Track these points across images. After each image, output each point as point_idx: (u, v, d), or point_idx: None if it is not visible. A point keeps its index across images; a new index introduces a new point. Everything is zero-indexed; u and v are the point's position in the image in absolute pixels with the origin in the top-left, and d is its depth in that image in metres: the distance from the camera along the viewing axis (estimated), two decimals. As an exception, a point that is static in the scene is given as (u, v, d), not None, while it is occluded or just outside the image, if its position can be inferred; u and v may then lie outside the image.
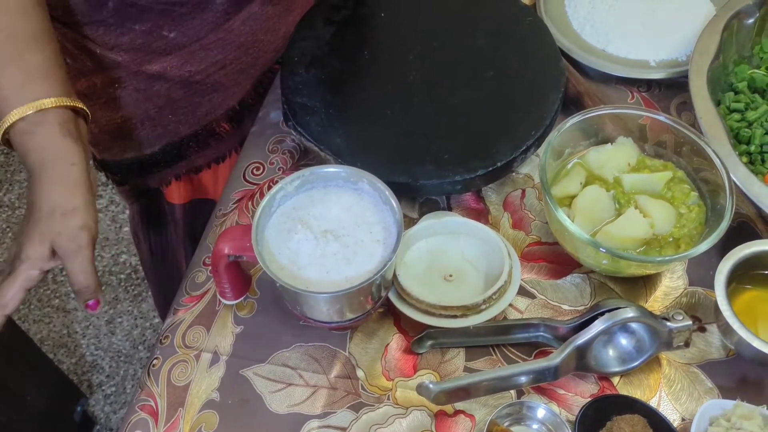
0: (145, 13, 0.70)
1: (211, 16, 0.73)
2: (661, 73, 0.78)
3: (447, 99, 0.72)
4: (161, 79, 0.75)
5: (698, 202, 0.64)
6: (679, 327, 0.57)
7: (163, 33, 0.72)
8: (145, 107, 0.76)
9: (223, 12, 0.74)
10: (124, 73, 0.74)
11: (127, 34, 0.71)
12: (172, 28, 0.72)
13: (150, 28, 0.71)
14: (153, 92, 0.76)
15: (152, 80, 0.75)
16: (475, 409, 0.58)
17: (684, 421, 0.57)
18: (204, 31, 0.74)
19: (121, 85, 0.74)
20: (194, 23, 0.73)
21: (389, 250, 0.56)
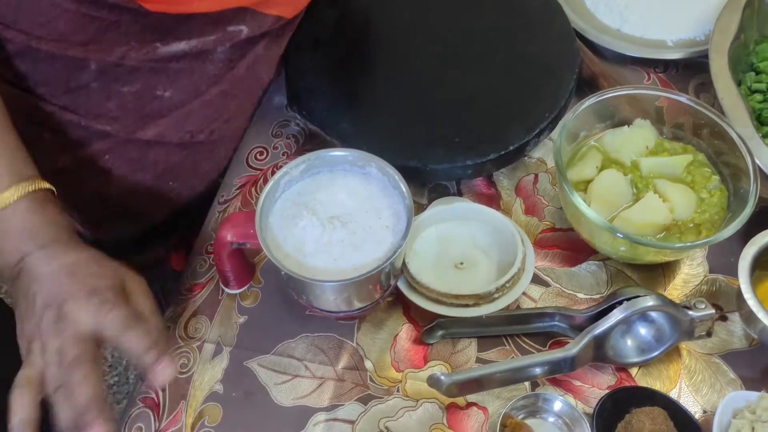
0: (134, 73, 0.61)
1: (212, 68, 0.64)
2: (678, 53, 0.75)
3: (457, 81, 0.69)
4: (157, 144, 0.66)
5: (720, 186, 0.62)
6: (701, 316, 0.55)
7: (157, 93, 0.63)
8: (141, 177, 0.67)
9: (226, 61, 0.64)
10: (114, 143, 0.64)
11: (113, 98, 0.62)
12: (167, 86, 0.63)
13: (140, 89, 0.62)
14: (148, 161, 0.66)
15: (147, 147, 0.66)
16: (487, 402, 0.56)
17: (705, 413, 0.55)
18: (205, 86, 0.65)
19: (112, 156, 0.65)
20: (193, 78, 0.64)
21: (399, 236, 0.54)
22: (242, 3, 0.60)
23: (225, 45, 0.63)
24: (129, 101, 0.62)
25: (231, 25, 0.62)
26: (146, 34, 0.58)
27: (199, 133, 0.67)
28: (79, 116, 0.62)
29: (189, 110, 0.65)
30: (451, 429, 0.55)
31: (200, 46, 0.61)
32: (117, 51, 0.59)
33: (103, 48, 0.58)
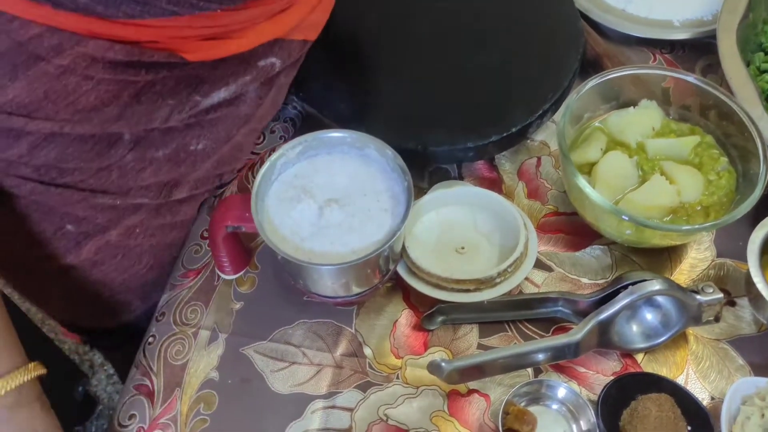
0: (170, 134, 0.56)
1: (244, 109, 0.60)
2: (685, 33, 0.73)
3: (458, 62, 0.67)
4: (190, 199, 0.62)
5: (728, 168, 0.60)
6: (709, 300, 0.53)
7: (191, 148, 0.58)
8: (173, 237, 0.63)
9: (256, 98, 0.60)
10: (146, 214, 0.60)
11: (148, 167, 0.56)
12: (200, 139, 0.58)
13: (175, 148, 0.57)
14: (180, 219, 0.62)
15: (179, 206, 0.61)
16: (489, 389, 0.55)
17: (713, 400, 0.54)
18: (236, 128, 0.61)
19: (143, 228, 0.60)
20: (227, 124, 0.59)
21: (398, 219, 0.53)
22: (276, 35, 0.56)
23: (258, 82, 0.59)
24: (163, 164, 0.57)
25: (262, 60, 0.57)
26: (181, 87, 0.53)
27: (228, 174, 0.65)
28: (110, 195, 0.57)
29: (220, 157, 0.61)
30: (453, 416, 0.54)
31: (239, 90, 0.57)
32: (158, 115, 0.53)
33: (141, 113, 0.52)
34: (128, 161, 0.55)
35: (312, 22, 0.60)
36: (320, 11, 0.61)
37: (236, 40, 0.53)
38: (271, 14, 0.54)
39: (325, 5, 0.61)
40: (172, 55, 0.50)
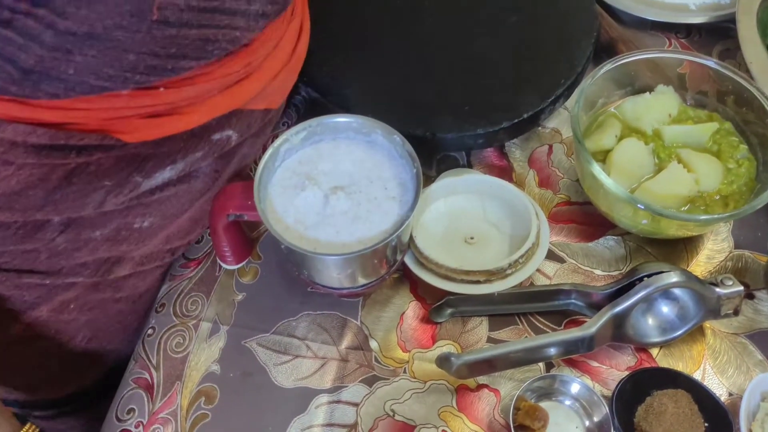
0: (108, 215, 0.51)
1: (197, 185, 0.54)
2: (702, 17, 0.71)
3: (468, 45, 0.65)
4: (135, 274, 0.57)
5: (748, 155, 0.58)
6: (728, 293, 0.51)
7: (135, 226, 0.53)
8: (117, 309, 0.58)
9: (212, 173, 0.55)
10: (82, 290, 0.54)
11: (83, 247, 0.51)
12: (146, 217, 0.53)
13: (115, 228, 0.52)
14: (124, 294, 0.58)
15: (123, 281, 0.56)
16: (499, 383, 0.53)
17: (731, 396, 0.52)
18: (189, 203, 0.55)
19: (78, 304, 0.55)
20: (178, 201, 0.54)
21: (406, 208, 0.51)
22: (233, 107, 0.51)
23: (212, 157, 0.53)
24: (101, 244, 0.52)
25: (216, 133, 0.52)
26: (121, 167, 0.48)
27: (178, 249, 0.58)
28: (39, 275, 0.52)
29: (171, 232, 0.56)
30: (462, 412, 0.52)
31: (188, 167, 0.52)
32: (91, 200, 0.48)
33: (71, 197, 0.47)
34: (59, 243, 0.50)
35: (275, 89, 0.55)
36: (285, 76, 0.55)
37: (184, 116, 0.48)
38: (225, 86, 0.49)
39: (290, 69, 0.56)
40: (107, 137, 0.46)
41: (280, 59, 0.54)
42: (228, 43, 0.46)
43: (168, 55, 0.43)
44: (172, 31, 0.42)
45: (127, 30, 0.40)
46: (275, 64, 0.53)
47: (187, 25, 0.43)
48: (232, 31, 0.46)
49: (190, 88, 0.47)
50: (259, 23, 0.48)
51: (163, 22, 0.42)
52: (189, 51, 0.44)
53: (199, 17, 0.43)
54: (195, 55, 0.45)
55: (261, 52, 0.50)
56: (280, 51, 0.53)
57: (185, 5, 0.42)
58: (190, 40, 0.44)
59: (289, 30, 0.54)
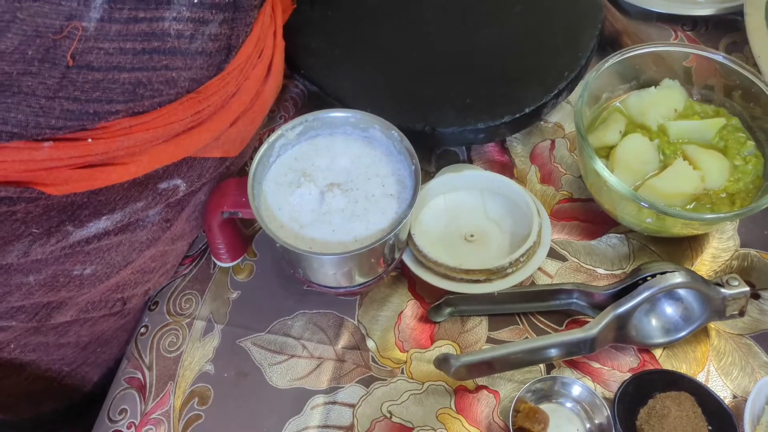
0: (41, 262, 0.47)
1: (143, 234, 0.51)
2: (709, 9, 0.69)
3: (469, 38, 0.63)
4: (78, 321, 0.54)
5: (755, 152, 0.56)
6: (734, 294, 0.50)
7: (74, 273, 0.49)
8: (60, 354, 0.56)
9: (161, 222, 0.51)
10: (20, 332, 0.51)
11: (15, 291, 0.47)
12: (86, 264, 0.49)
13: (52, 274, 0.48)
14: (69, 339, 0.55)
15: (66, 327, 0.54)
16: (499, 385, 0.52)
17: (736, 398, 0.51)
18: (135, 253, 0.51)
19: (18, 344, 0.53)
20: (120, 250, 0.50)
21: (404, 205, 0.49)
22: (181, 156, 0.48)
23: (159, 206, 0.50)
24: (36, 289, 0.48)
25: (163, 182, 0.48)
26: (51, 215, 0.45)
27: (132, 297, 0.55)
28: None
29: (117, 281, 0.52)
30: (460, 414, 0.51)
31: (127, 217, 0.48)
32: (14, 248, 0.44)
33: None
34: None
35: (232, 137, 0.51)
36: (245, 123, 0.52)
37: (120, 166, 0.45)
38: (170, 135, 0.46)
39: (252, 115, 0.52)
40: (28, 190, 0.42)
41: (238, 106, 0.50)
42: (162, 85, 0.43)
43: (90, 100, 0.41)
44: (97, 75, 0.40)
45: (36, 76, 0.38)
46: (232, 112, 0.50)
47: (116, 68, 0.40)
48: (167, 72, 0.43)
49: (124, 138, 0.43)
50: (197, 62, 0.45)
51: (84, 67, 0.39)
52: (116, 95, 0.41)
53: (133, 60, 0.41)
54: (123, 99, 0.42)
55: (213, 100, 0.47)
56: (237, 100, 0.50)
57: (115, 48, 0.40)
58: (119, 84, 0.41)
59: (251, 76, 0.50)
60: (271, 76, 0.53)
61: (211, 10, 0.44)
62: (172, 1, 0.41)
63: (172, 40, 0.42)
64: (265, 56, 0.52)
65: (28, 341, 0.53)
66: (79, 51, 0.39)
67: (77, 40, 0.38)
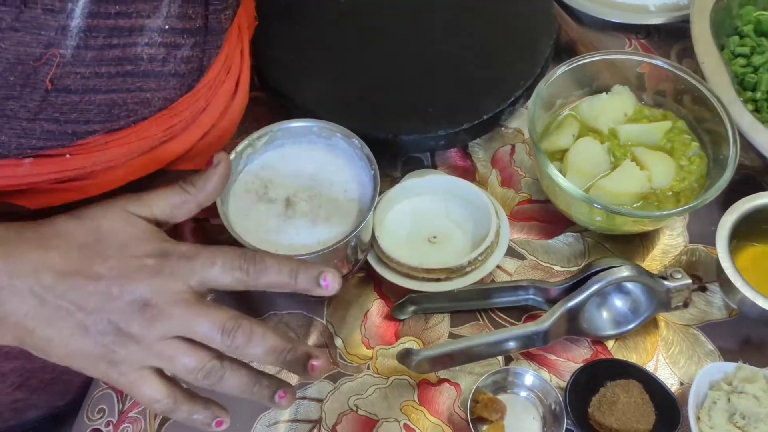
0: None
1: None
2: (661, 18, 0.72)
3: (430, 49, 0.67)
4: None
5: (699, 153, 0.60)
6: (677, 286, 0.53)
7: None
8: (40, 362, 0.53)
9: None
10: None
11: None
12: None
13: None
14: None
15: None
16: (460, 378, 0.55)
17: (683, 385, 0.54)
18: None
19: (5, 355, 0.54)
20: None
21: (365, 208, 0.52)
22: (152, 169, 0.50)
23: None
24: None
25: None
26: None
27: None
28: None
29: None
30: (423, 406, 0.54)
31: None
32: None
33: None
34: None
35: (203, 150, 0.54)
36: (215, 137, 0.55)
37: (97, 180, 0.48)
38: (145, 149, 0.49)
39: (222, 129, 0.55)
40: (8, 205, 0.44)
41: (208, 121, 0.53)
42: (137, 105, 0.46)
43: (68, 121, 0.43)
44: (74, 98, 0.42)
45: (18, 100, 0.40)
46: (202, 126, 0.52)
47: (92, 90, 0.43)
48: (141, 93, 0.45)
49: (101, 153, 0.46)
50: (171, 83, 0.47)
51: (62, 90, 0.42)
52: (93, 116, 0.44)
53: (108, 83, 0.43)
54: (100, 119, 0.44)
55: (185, 116, 0.50)
56: (207, 115, 0.52)
57: (91, 73, 0.42)
58: (95, 105, 0.43)
59: (220, 92, 0.53)
60: (239, 91, 0.56)
61: (183, 35, 0.46)
62: (144, 28, 0.43)
63: (145, 63, 0.45)
64: (232, 73, 0.55)
65: (9, 349, 0.54)
66: (58, 76, 0.41)
67: (55, 65, 0.41)
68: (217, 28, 0.48)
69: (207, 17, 0.47)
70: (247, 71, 0.58)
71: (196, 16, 0.46)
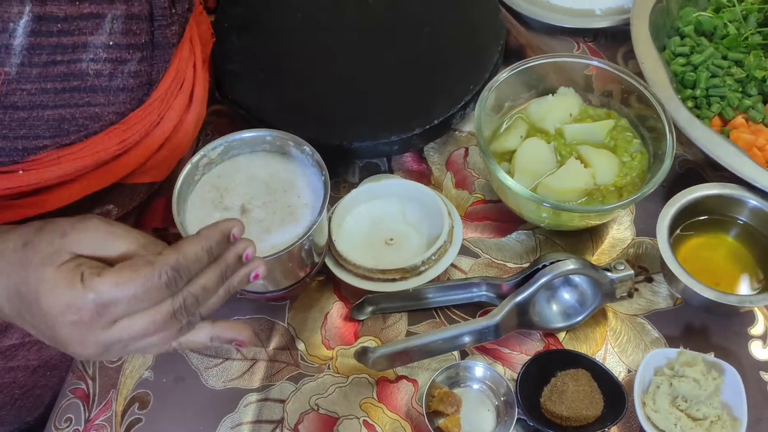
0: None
1: None
2: (606, 22, 0.75)
3: (383, 57, 0.69)
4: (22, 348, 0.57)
5: (641, 149, 0.62)
6: (620, 277, 0.55)
7: None
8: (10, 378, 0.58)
9: None
10: None
11: None
12: None
13: None
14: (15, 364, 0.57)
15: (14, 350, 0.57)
16: (417, 374, 0.57)
17: (630, 372, 0.56)
18: None
19: None
20: None
21: (317, 213, 0.54)
22: (107, 183, 0.51)
23: None
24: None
25: (96, 208, 0.53)
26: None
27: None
28: None
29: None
30: (381, 402, 0.56)
31: None
32: None
33: None
34: None
35: (159, 162, 0.56)
36: (170, 150, 0.56)
37: (52, 195, 0.48)
38: (99, 163, 0.50)
39: (177, 142, 0.56)
40: None
41: (162, 134, 0.54)
42: (87, 120, 0.47)
43: (18, 137, 0.44)
44: (22, 114, 0.44)
45: None
46: (156, 139, 0.54)
47: (40, 106, 0.44)
48: (90, 108, 0.47)
49: (55, 168, 0.47)
50: (120, 97, 0.48)
51: (9, 107, 0.43)
52: (42, 131, 0.45)
53: (55, 98, 0.44)
54: (50, 135, 0.46)
55: (137, 129, 0.51)
56: (161, 128, 0.54)
57: (37, 89, 0.43)
58: (44, 121, 0.45)
59: (173, 106, 0.54)
60: (193, 105, 0.58)
61: (129, 50, 0.48)
62: (88, 45, 0.45)
63: (92, 78, 0.46)
64: (185, 87, 0.56)
65: None
66: (4, 93, 0.43)
67: (0, 83, 0.42)
68: (164, 42, 0.50)
69: (153, 33, 0.48)
70: (202, 85, 0.59)
71: (141, 31, 0.48)
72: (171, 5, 0.50)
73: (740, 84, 0.66)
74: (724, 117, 0.65)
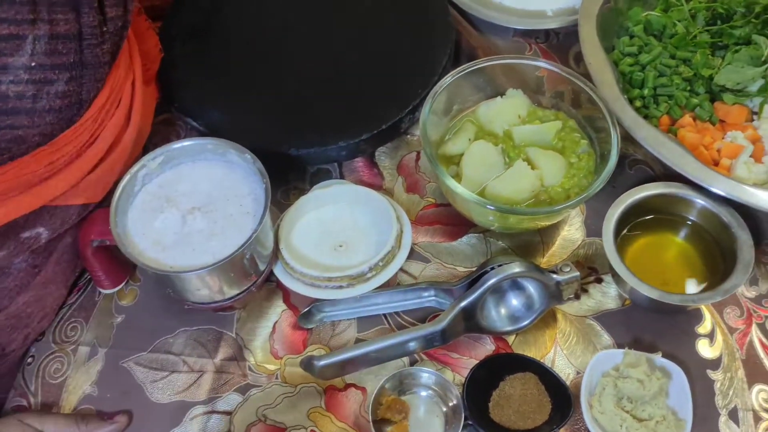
0: None
1: (11, 281, 0.53)
2: (556, 23, 0.75)
3: (330, 63, 0.68)
4: None
5: (588, 150, 0.62)
6: (566, 279, 0.55)
7: None
8: None
9: (28, 268, 0.54)
10: None
11: None
12: None
13: None
14: None
15: None
16: (366, 381, 0.56)
17: (579, 374, 0.56)
18: (6, 300, 0.54)
19: None
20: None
21: (258, 221, 0.53)
22: (36, 205, 0.50)
23: (23, 254, 0.52)
24: None
25: (26, 231, 0.51)
26: None
27: (11, 342, 0.56)
28: None
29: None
30: (329, 411, 0.55)
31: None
32: None
33: None
34: None
35: (93, 183, 0.54)
36: (104, 171, 0.54)
37: None
38: (26, 186, 0.48)
39: (113, 162, 0.55)
40: None
41: (96, 155, 0.53)
42: (9, 143, 0.46)
43: None
44: None
45: None
46: (88, 160, 0.52)
47: None
48: (13, 131, 0.45)
49: None
50: (46, 119, 0.47)
51: None
52: None
53: None
54: None
55: (67, 150, 0.50)
56: (94, 149, 0.52)
57: None
58: None
59: (108, 125, 0.53)
60: (132, 123, 0.56)
61: (54, 71, 0.46)
62: (7, 66, 0.44)
63: (13, 100, 0.45)
64: (123, 105, 0.55)
65: None
66: None
67: None
68: (95, 62, 0.49)
69: (82, 52, 0.47)
70: (141, 103, 0.57)
71: (68, 51, 0.46)
72: (102, 24, 0.49)
73: (688, 83, 0.66)
74: (672, 116, 0.65)
